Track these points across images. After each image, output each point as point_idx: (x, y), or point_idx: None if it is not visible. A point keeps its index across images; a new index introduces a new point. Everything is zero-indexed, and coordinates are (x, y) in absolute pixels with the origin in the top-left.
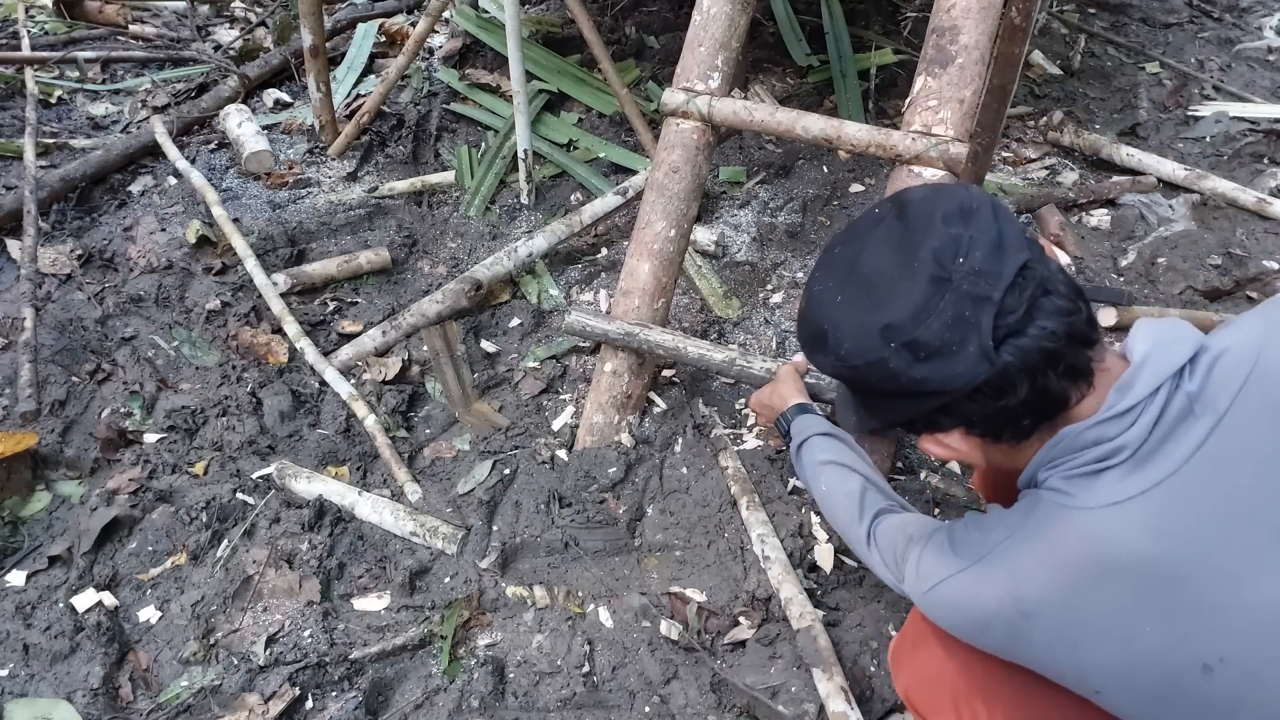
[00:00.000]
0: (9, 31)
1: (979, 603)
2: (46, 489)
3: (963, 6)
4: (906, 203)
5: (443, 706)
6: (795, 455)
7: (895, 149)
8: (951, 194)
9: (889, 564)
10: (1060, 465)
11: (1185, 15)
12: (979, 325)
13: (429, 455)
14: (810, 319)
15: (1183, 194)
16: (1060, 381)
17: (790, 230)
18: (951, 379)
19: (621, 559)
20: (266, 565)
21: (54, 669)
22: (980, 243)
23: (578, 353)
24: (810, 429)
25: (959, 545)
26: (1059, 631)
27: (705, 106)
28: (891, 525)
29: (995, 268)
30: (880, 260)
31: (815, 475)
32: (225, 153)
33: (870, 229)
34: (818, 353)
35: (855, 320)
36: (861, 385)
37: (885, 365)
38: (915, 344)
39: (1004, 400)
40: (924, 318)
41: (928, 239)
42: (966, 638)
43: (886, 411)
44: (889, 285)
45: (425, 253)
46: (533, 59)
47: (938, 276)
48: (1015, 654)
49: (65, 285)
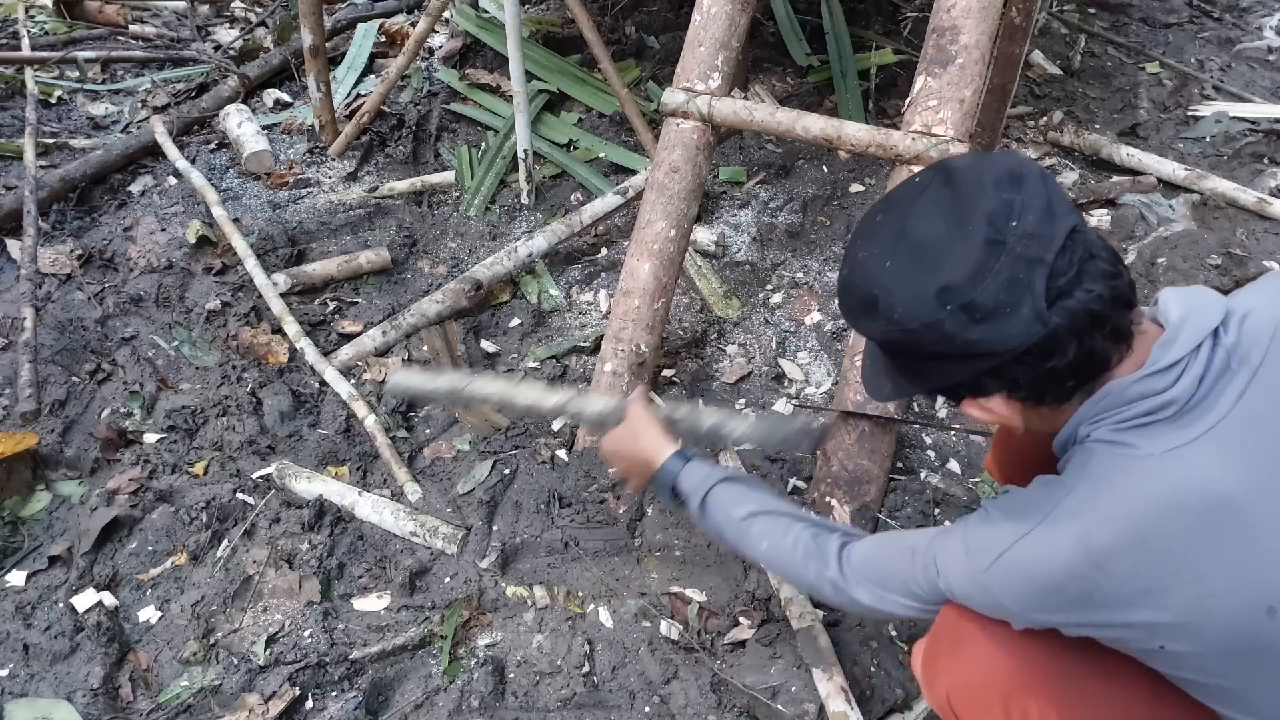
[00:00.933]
0: (9, 31)
1: (1052, 561)
2: (46, 489)
3: (963, 6)
4: (953, 170)
5: (443, 706)
6: (699, 513)
7: (895, 149)
8: (999, 160)
9: (888, 586)
10: (1106, 419)
11: (1185, 15)
12: (1032, 287)
13: (429, 455)
14: (857, 286)
15: (1183, 194)
16: (1105, 343)
17: (790, 230)
18: (1005, 340)
19: (621, 559)
20: (266, 565)
21: (54, 669)
22: (1032, 207)
23: (578, 353)
24: (706, 479)
25: (1014, 513)
26: (1130, 578)
27: (705, 106)
28: (868, 549)
29: (1047, 231)
30: (931, 225)
31: (743, 534)
32: (225, 153)
33: (915, 197)
34: (865, 319)
35: (909, 284)
36: (911, 350)
37: (941, 327)
38: (971, 305)
39: (1052, 361)
40: (980, 279)
41: (980, 203)
42: (1033, 607)
43: (932, 377)
44: (942, 249)
45: (425, 253)
46: (533, 59)
47: (993, 239)
48: (1085, 613)
49: (65, 285)
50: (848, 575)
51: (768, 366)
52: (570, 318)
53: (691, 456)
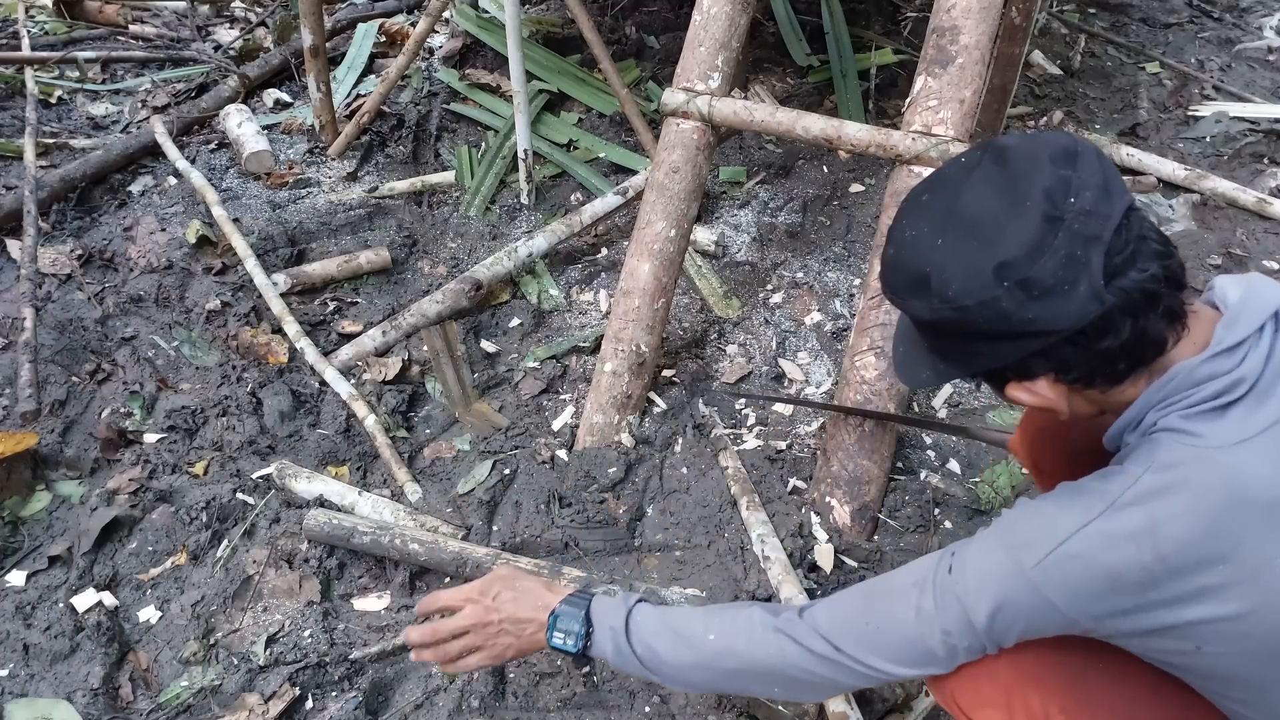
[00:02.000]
0: (9, 31)
1: (1115, 551)
2: (46, 489)
3: (963, 6)
4: (1005, 148)
5: (443, 706)
6: (624, 647)
7: (895, 149)
8: (1053, 138)
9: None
10: (1175, 404)
11: (1185, 15)
12: (1090, 265)
13: (429, 455)
14: (907, 264)
15: (1183, 194)
16: (1159, 323)
17: (790, 230)
18: (1061, 318)
19: (621, 559)
20: (266, 565)
21: (54, 669)
22: (1089, 184)
23: (578, 353)
24: (617, 607)
25: (1070, 504)
26: (1193, 574)
27: (705, 106)
28: (836, 607)
29: (1105, 209)
30: (984, 202)
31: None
32: (225, 153)
33: (964, 175)
34: (915, 298)
35: (964, 260)
36: (961, 329)
37: (997, 304)
38: (1029, 282)
39: (1106, 342)
40: (1038, 255)
41: (1036, 179)
42: (1086, 603)
43: (980, 357)
44: (998, 225)
45: (425, 253)
46: (533, 59)
47: (1050, 215)
48: (1140, 609)
49: (65, 285)
50: (821, 641)
51: (768, 366)
52: (570, 318)
53: (588, 592)
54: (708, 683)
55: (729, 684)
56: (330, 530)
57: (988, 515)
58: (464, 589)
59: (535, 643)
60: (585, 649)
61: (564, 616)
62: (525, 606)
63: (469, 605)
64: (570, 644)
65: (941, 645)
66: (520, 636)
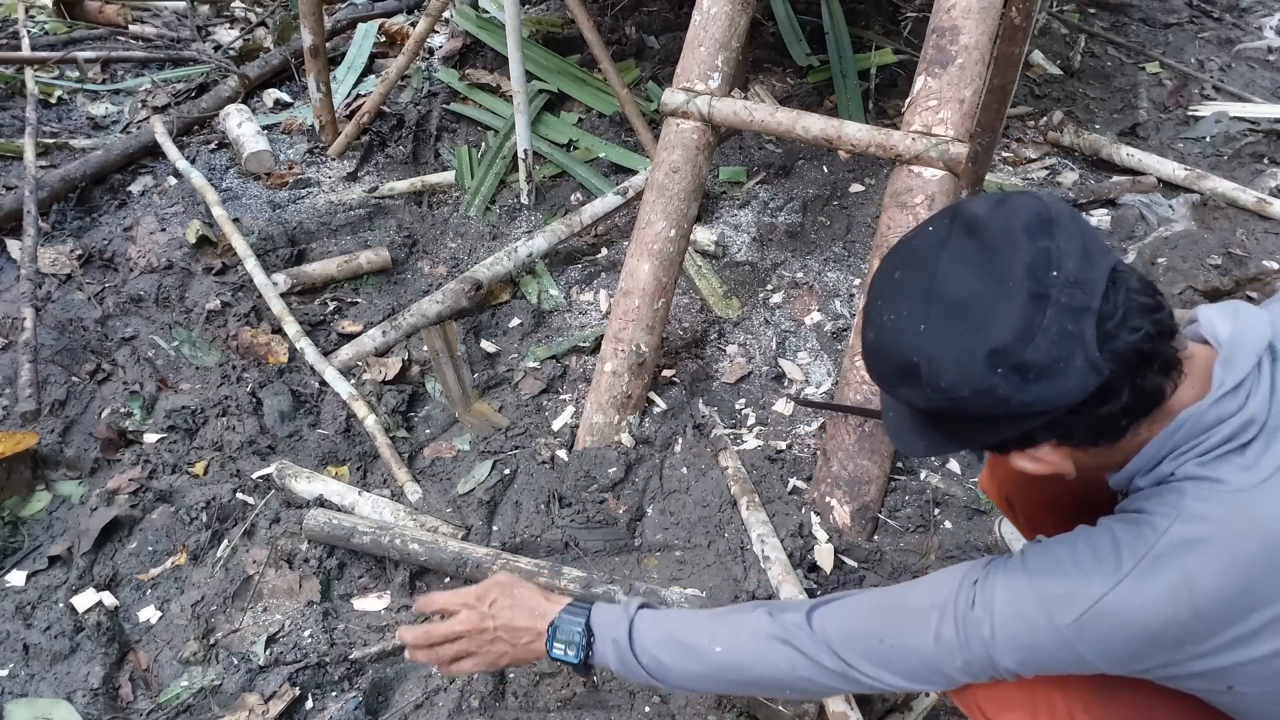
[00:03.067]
0: (9, 31)
1: (1151, 610)
2: (46, 489)
3: (963, 6)
4: (974, 217)
5: (443, 706)
6: (629, 658)
7: (895, 149)
8: (1024, 204)
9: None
10: (1190, 451)
11: (1185, 15)
12: (1083, 337)
13: (429, 455)
14: (891, 353)
15: (1183, 194)
16: (1156, 377)
17: (790, 230)
18: (1062, 396)
19: (621, 559)
20: (266, 565)
21: (54, 669)
22: (1070, 252)
23: (578, 353)
24: (619, 617)
25: (1099, 558)
26: (1229, 624)
27: (705, 106)
28: (855, 619)
29: (1089, 276)
30: (964, 282)
31: (693, 656)
32: (225, 153)
33: (936, 250)
34: (905, 387)
35: (952, 348)
36: (960, 415)
37: (994, 393)
38: (1023, 366)
39: (1107, 407)
40: (1030, 337)
41: (1015, 255)
42: (1122, 660)
43: (979, 437)
44: (983, 308)
45: (425, 253)
46: (533, 59)
47: (1036, 293)
48: (1172, 665)
49: (65, 285)
50: (826, 650)
51: (768, 366)
52: (570, 318)
53: (587, 600)
54: (716, 689)
55: (738, 690)
56: (330, 530)
57: (987, 515)
58: (462, 592)
59: (532, 652)
60: (586, 659)
61: (564, 627)
62: (522, 615)
63: (465, 610)
64: (571, 655)
65: (960, 672)
66: (515, 645)
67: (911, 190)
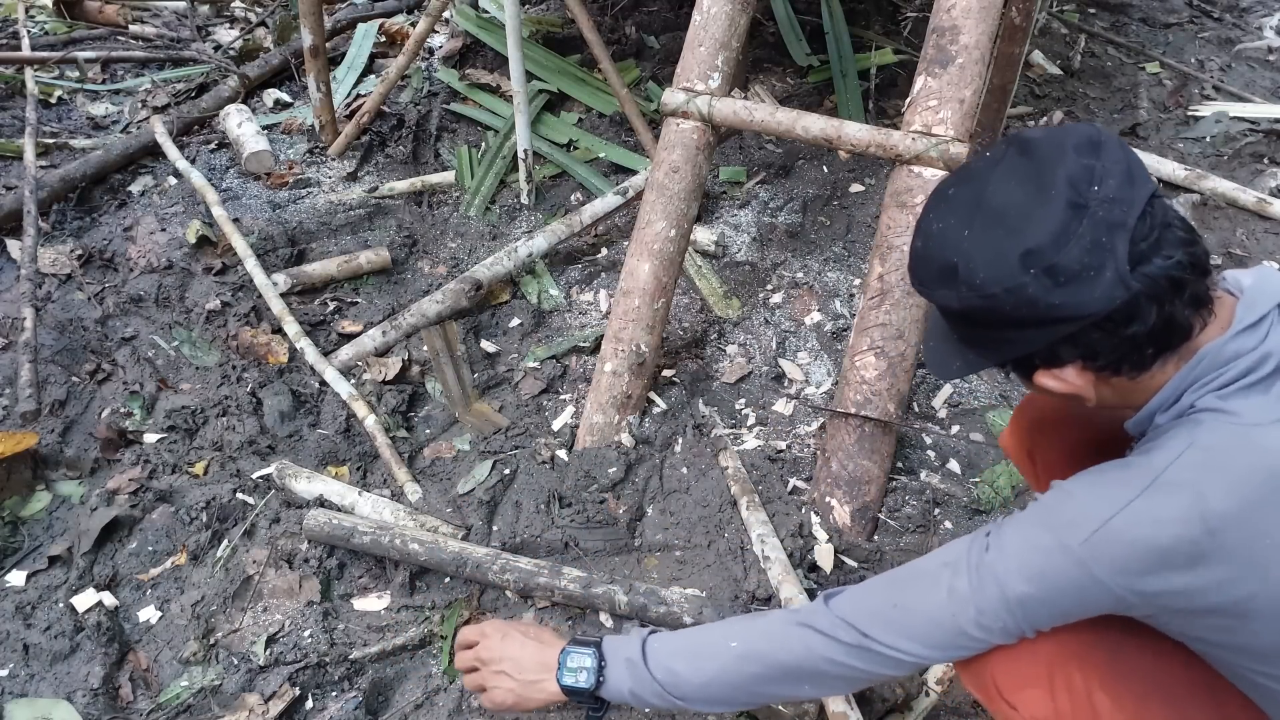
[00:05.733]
0: (9, 31)
1: (1162, 526)
2: (46, 489)
3: (963, 6)
4: (1029, 139)
5: (443, 706)
6: (643, 675)
7: (895, 149)
8: (1076, 128)
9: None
10: (1209, 384)
11: (1185, 15)
12: (1115, 251)
13: (429, 455)
14: (934, 255)
15: (1183, 194)
16: (1184, 309)
17: (790, 230)
18: (1087, 304)
19: (621, 559)
20: (266, 565)
21: (54, 669)
22: (1113, 172)
23: (578, 353)
24: (631, 640)
25: (1110, 483)
26: (1241, 547)
27: (705, 106)
28: (868, 591)
29: (1128, 195)
30: (1010, 192)
31: (708, 656)
32: (225, 153)
33: (990, 168)
34: (943, 287)
35: (990, 249)
36: (989, 318)
37: (1024, 291)
38: (1055, 269)
39: (1132, 328)
40: (1064, 242)
41: (1060, 168)
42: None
43: (1008, 346)
44: (1023, 214)
45: (425, 253)
46: (533, 59)
47: (1075, 202)
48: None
49: (65, 285)
50: (851, 631)
51: (768, 366)
52: (570, 318)
53: (596, 634)
54: (734, 695)
55: (757, 691)
56: (330, 530)
57: (987, 515)
58: (486, 624)
59: (538, 691)
60: (599, 685)
61: (575, 655)
62: (530, 650)
63: (482, 639)
64: (583, 680)
65: (974, 625)
66: (520, 680)
67: (911, 190)
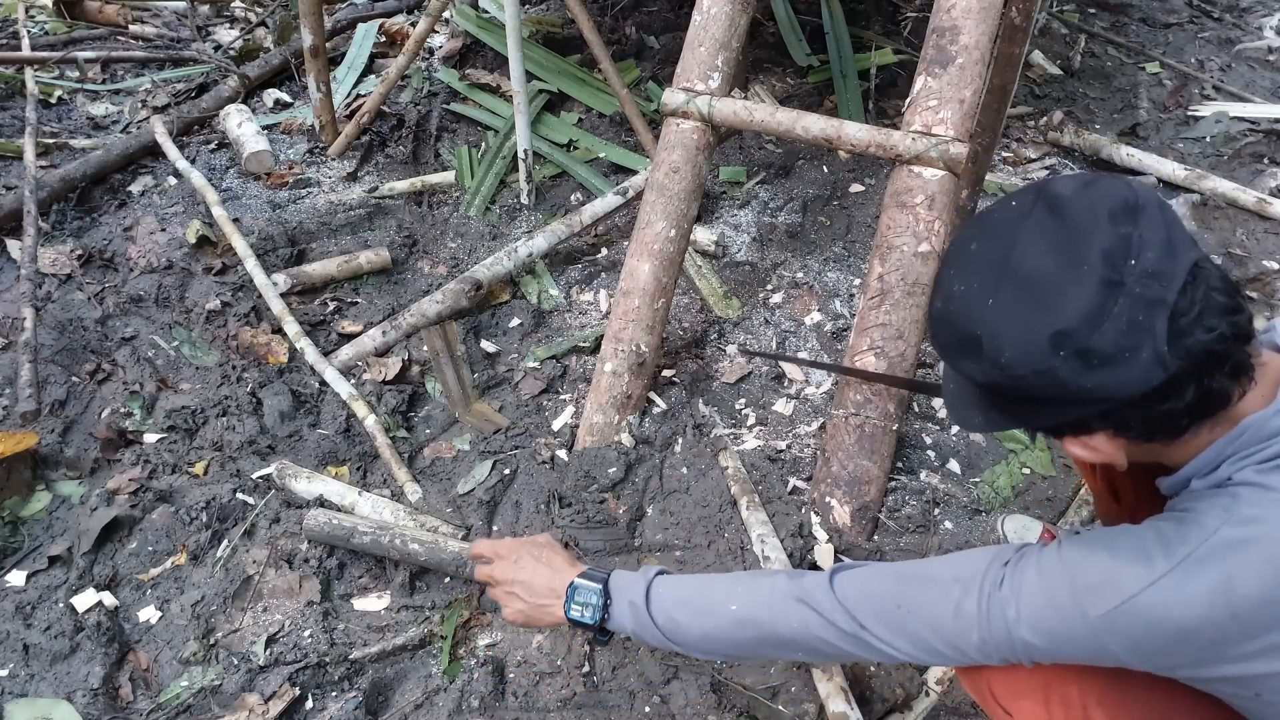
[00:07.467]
0: (9, 31)
1: (1187, 608)
2: (46, 489)
3: (963, 6)
4: (1059, 197)
5: (443, 706)
6: (645, 618)
7: (895, 149)
8: (1112, 189)
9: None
10: (1250, 456)
11: (1185, 15)
12: (1153, 330)
13: (429, 455)
14: (957, 323)
15: (1183, 194)
16: (1224, 380)
17: (790, 230)
18: (1123, 386)
19: (621, 559)
20: (266, 565)
21: (54, 669)
22: (1151, 242)
23: (578, 353)
24: (636, 580)
25: (1141, 552)
26: (1265, 630)
27: (705, 106)
28: (875, 583)
29: (1169, 268)
30: (1039, 260)
31: (705, 608)
32: (225, 153)
33: (1016, 224)
34: (966, 359)
35: (1018, 325)
36: (1016, 394)
37: (1054, 374)
38: (1088, 351)
39: (1169, 404)
40: (1098, 323)
41: (1095, 238)
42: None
43: (1035, 418)
44: (1055, 288)
45: (425, 253)
46: (533, 59)
47: (1110, 280)
48: (1201, 667)
49: (65, 285)
50: (847, 616)
51: (767, 366)
52: (570, 318)
53: (601, 567)
54: (731, 651)
55: (753, 650)
56: (330, 530)
57: (987, 515)
58: (502, 543)
59: (547, 614)
60: (603, 621)
61: (582, 590)
62: (542, 576)
63: (497, 560)
64: (588, 616)
65: (975, 649)
66: (530, 604)
67: (911, 190)
